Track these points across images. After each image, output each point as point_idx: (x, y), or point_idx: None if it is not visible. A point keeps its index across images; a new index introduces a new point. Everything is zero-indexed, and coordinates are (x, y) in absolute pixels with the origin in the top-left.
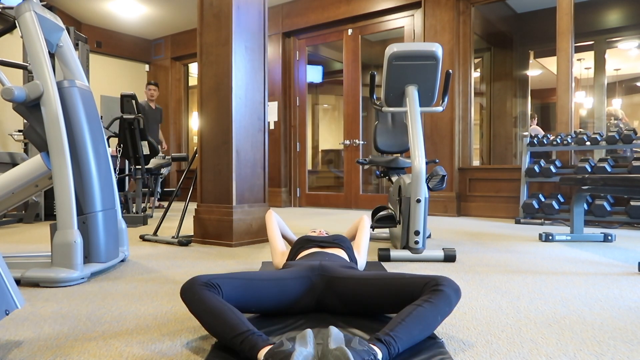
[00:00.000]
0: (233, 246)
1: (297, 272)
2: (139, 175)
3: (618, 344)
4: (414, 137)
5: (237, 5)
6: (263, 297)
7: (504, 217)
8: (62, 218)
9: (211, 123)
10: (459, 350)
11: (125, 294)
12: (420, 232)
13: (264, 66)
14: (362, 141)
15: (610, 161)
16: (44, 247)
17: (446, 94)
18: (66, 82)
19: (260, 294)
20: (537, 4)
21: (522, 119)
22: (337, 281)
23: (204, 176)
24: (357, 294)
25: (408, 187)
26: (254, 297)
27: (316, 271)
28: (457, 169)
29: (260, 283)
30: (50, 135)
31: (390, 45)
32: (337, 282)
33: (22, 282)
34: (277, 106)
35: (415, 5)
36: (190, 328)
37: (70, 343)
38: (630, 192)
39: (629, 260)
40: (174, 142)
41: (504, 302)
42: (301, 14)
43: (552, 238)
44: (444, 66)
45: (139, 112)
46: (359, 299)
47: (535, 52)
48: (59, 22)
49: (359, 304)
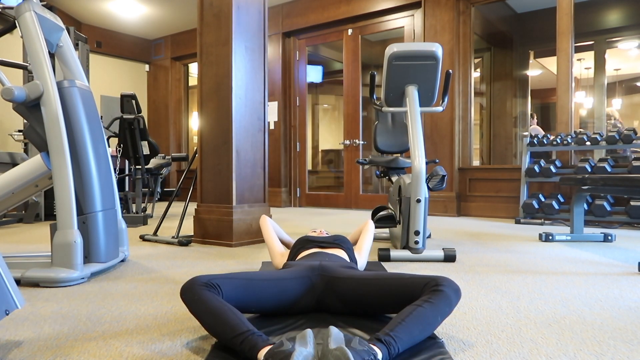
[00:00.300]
0: (233, 246)
1: (297, 272)
2: (139, 175)
3: (618, 344)
4: (414, 137)
5: (237, 5)
6: (263, 297)
7: (504, 217)
8: (62, 218)
9: (211, 123)
10: (459, 350)
11: (125, 294)
12: (420, 232)
13: (264, 66)
14: (362, 141)
15: (610, 161)
16: (44, 247)
17: (446, 94)
18: (66, 82)
19: (260, 294)
20: (537, 4)
21: (522, 119)
22: (337, 281)
23: (204, 176)
24: (357, 294)
25: (408, 187)
26: (254, 297)
27: (316, 271)
28: (457, 169)
29: (260, 283)
30: (50, 135)
31: (390, 45)
32: (337, 282)
33: (22, 282)
34: (277, 106)
35: (415, 5)
36: (190, 328)
37: (70, 343)
38: (630, 192)
39: (629, 260)
40: (174, 142)
41: (504, 302)
42: (301, 14)
43: (552, 238)
44: (444, 66)
45: (139, 112)
46: (359, 299)
47: (535, 52)
48: (59, 22)
49: (359, 304)
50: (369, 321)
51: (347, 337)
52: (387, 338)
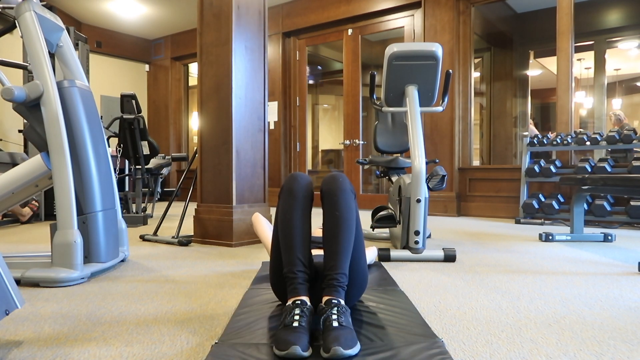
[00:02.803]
0: (233, 246)
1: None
2: (139, 175)
3: (618, 344)
4: (414, 137)
5: (237, 5)
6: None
7: (504, 217)
8: (62, 218)
9: (211, 123)
10: (459, 350)
11: (125, 294)
12: (420, 232)
13: (264, 66)
14: (362, 141)
15: (610, 161)
16: (44, 247)
17: (446, 94)
18: (66, 82)
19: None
20: (537, 4)
21: (522, 119)
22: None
23: (204, 176)
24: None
25: (408, 187)
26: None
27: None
28: (457, 169)
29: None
30: (50, 135)
31: (390, 45)
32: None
33: (22, 282)
34: (277, 106)
35: (415, 5)
36: (190, 328)
37: (70, 343)
38: (630, 192)
39: (629, 260)
40: (174, 142)
41: (504, 302)
42: (301, 14)
43: (552, 238)
44: (444, 66)
45: (139, 112)
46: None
47: (535, 52)
48: (59, 22)
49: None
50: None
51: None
52: (335, 283)
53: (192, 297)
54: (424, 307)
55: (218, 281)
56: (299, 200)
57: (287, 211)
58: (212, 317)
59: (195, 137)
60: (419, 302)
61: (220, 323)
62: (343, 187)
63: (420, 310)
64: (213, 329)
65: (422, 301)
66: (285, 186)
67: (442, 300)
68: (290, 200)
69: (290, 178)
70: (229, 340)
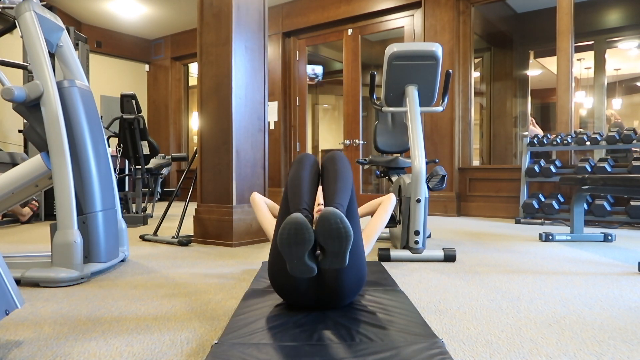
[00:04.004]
0: (233, 246)
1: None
2: (139, 175)
3: (618, 344)
4: (414, 137)
5: (237, 5)
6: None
7: (504, 217)
8: (62, 218)
9: (211, 123)
10: (459, 350)
11: (125, 294)
12: (420, 232)
13: (264, 66)
14: (362, 141)
15: (610, 161)
16: (44, 247)
17: (446, 94)
18: (66, 82)
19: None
20: (537, 4)
21: (522, 118)
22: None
23: (204, 176)
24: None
25: (408, 187)
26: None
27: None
28: (457, 169)
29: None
30: (50, 135)
31: (390, 45)
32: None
33: (22, 282)
34: (277, 106)
35: (415, 5)
36: (190, 328)
37: (70, 343)
38: (630, 192)
39: (629, 260)
40: (174, 142)
41: (504, 302)
42: (301, 14)
43: (552, 238)
44: (444, 66)
45: (139, 112)
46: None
47: (535, 52)
48: (59, 22)
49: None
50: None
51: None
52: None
53: (192, 297)
54: (424, 307)
55: (218, 281)
56: (307, 167)
57: (297, 171)
58: (212, 317)
59: (195, 137)
60: (419, 302)
61: (220, 323)
62: (341, 156)
63: (420, 310)
64: (213, 329)
65: (422, 301)
66: (295, 160)
67: (442, 300)
68: (300, 166)
69: (300, 155)
70: (229, 340)
